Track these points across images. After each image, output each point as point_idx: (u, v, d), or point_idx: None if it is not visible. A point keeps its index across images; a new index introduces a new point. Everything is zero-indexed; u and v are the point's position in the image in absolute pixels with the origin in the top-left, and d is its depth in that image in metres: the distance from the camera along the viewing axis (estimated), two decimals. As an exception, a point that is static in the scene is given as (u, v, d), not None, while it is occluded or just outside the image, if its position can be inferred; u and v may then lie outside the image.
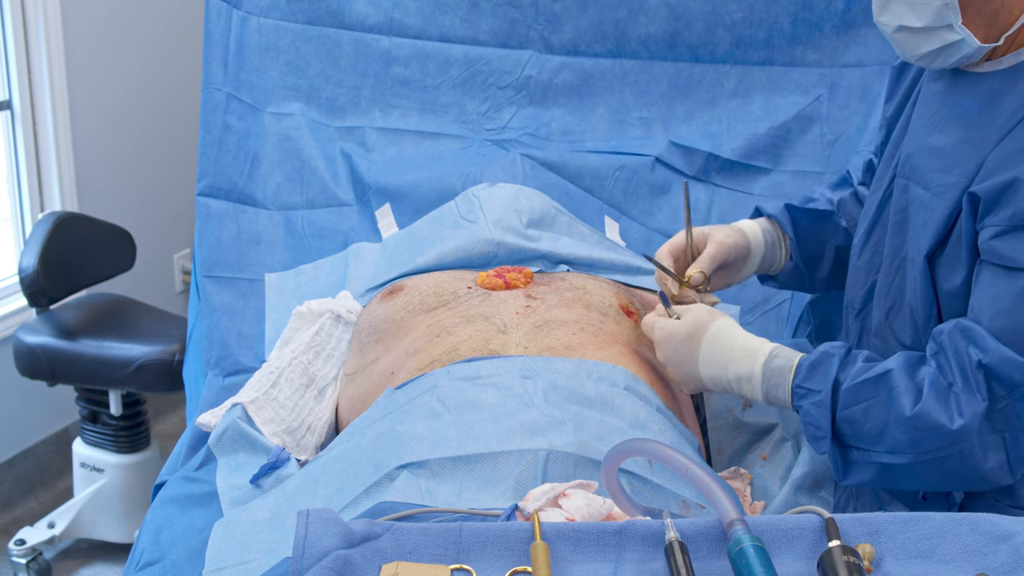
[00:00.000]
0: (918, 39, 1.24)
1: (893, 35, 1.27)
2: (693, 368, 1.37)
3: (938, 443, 1.18)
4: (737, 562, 0.89)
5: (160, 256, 3.56)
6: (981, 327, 1.18)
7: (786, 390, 1.29)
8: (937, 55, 1.25)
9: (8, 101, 2.99)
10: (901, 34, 1.26)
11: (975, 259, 1.23)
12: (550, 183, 1.96)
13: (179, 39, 3.45)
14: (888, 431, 1.20)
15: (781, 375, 1.30)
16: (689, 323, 1.38)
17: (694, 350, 1.36)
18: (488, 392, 1.29)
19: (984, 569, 0.92)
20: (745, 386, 1.33)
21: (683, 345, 1.37)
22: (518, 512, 1.03)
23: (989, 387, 1.16)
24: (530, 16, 2.11)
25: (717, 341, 1.35)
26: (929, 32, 1.23)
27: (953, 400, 1.17)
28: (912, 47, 1.26)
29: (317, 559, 0.90)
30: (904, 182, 1.35)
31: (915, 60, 1.28)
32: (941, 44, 1.23)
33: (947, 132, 1.28)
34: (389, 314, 1.62)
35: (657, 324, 1.41)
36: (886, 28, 1.27)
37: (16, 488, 3.08)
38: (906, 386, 1.20)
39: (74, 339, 2.60)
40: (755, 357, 1.33)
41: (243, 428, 1.47)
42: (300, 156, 2.05)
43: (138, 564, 1.34)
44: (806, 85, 2.05)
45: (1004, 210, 1.18)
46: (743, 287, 1.95)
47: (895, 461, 1.21)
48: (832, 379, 1.25)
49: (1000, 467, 1.19)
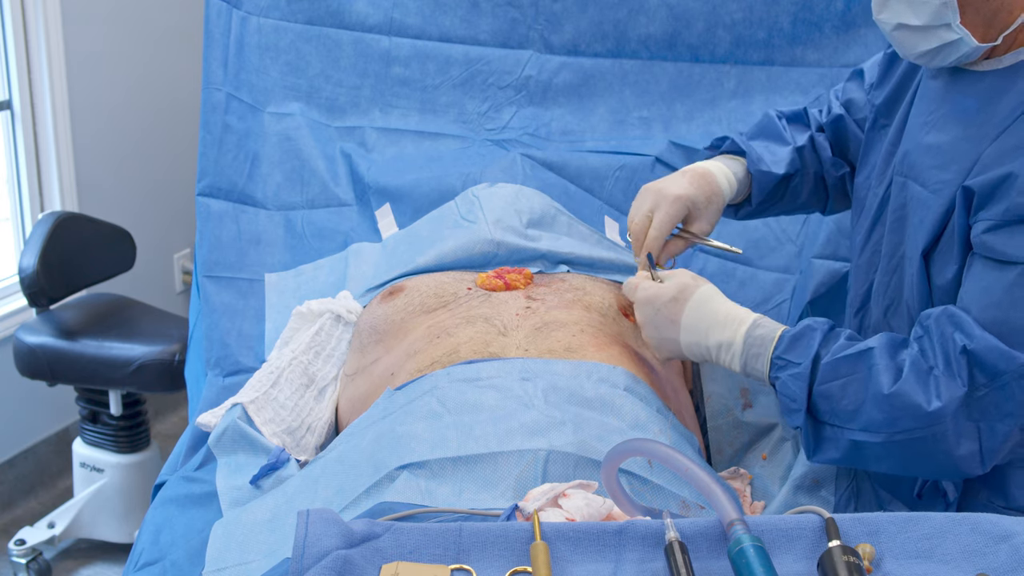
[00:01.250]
0: (916, 37, 1.25)
1: (892, 33, 1.27)
2: (673, 333, 1.35)
3: (913, 423, 1.17)
4: (737, 562, 0.89)
5: (160, 256, 3.56)
6: (970, 316, 1.18)
7: (765, 360, 1.29)
8: (936, 54, 1.25)
9: (8, 101, 2.99)
10: (900, 32, 1.26)
11: (967, 253, 1.23)
12: (550, 183, 1.96)
13: (179, 39, 3.45)
14: (864, 408, 1.20)
15: (762, 345, 1.29)
16: (674, 287, 1.37)
17: (677, 313, 1.35)
18: (488, 394, 1.29)
19: (984, 569, 0.92)
20: (724, 354, 1.32)
21: (666, 308, 1.36)
22: (518, 512, 1.03)
23: (971, 374, 1.16)
24: (530, 16, 2.11)
25: (702, 306, 1.34)
26: (927, 31, 1.23)
27: (933, 382, 1.17)
28: (910, 45, 1.26)
29: (317, 559, 0.90)
30: (903, 180, 1.35)
31: (913, 58, 1.29)
32: (939, 43, 1.23)
33: (945, 130, 1.28)
34: (389, 315, 1.62)
35: (641, 286, 1.40)
36: (885, 26, 1.28)
37: (16, 488, 3.08)
38: (886, 365, 1.20)
39: (74, 339, 2.60)
40: (738, 325, 1.32)
41: (243, 428, 1.47)
42: (300, 156, 2.05)
43: (138, 564, 1.34)
44: (806, 85, 2.05)
45: (998, 204, 1.18)
46: (743, 287, 1.95)
47: (868, 439, 1.21)
48: (813, 353, 1.25)
49: (972, 456, 1.18)
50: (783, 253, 1.97)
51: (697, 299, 1.35)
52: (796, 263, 1.95)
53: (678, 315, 1.35)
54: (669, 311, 1.36)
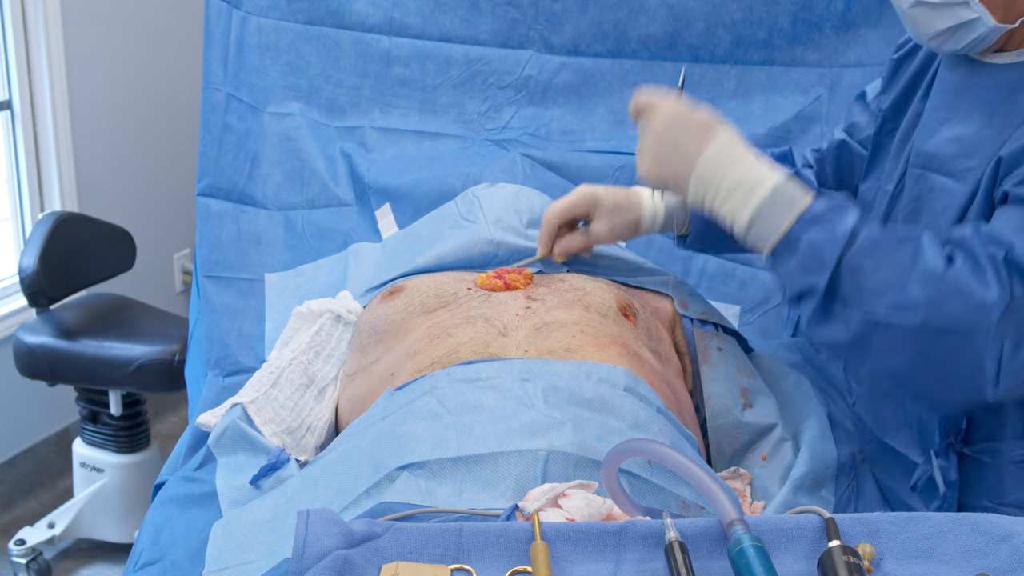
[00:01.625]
0: (933, 15, 1.23)
1: (908, 10, 1.25)
2: (691, 152, 1.24)
3: (961, 310, 1.09)
4: (737, 562, 0.89)
5: (160, 256, 3.56)
6: None
7: (792, 214, 1.18)
8: (951, 34, 1.24)
9: (8, 101, 2.99)
10: (917, 9, 1.24)
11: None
12: (550, 183, 1.96)
13: (179, 39, 3.46)
14: (905, 286, 1.11)
15: (793, 199, 1.19)
16: (707, 114, 1.26)
17: (707, 133, 1.24)
18: (488, 394, 1.29)
19: (984, 569, 0.92)
20: (738, 195, 1.21)
21: (693, 128, 1.25)
22: (518, 512, 1.03)
23: (1011, 284, 1.10)
24: (530, 16, 2.11)
25: (733, 142, 1.24)
26: (945, 8, 1.22)
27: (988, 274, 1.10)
28: (926, 23, 1.25)
29: (317, 559, 0.90)
30: (919, 171, 1.35)
31: (928, 39, 1.27)
32: (956, 22, 1.22)
33: (967, 121, 1.28)
34: (389, 315, 1.62)
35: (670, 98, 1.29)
36: (902, 2, 1.26)
37: (16, 488, 3.08)
38: (936, 251, 1.13)
39: (74, 339, 2.61)
40: (770, 171, 1.21)
41: (243, 428, 1.47)
42: (300, 156, 2.05)
43: (137, 564, 1.34)
44: (806, 85, 2.05)
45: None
46: (743, 287, 1.95)
47: (896, 320, 1.11)
48: (852, 221, 1.16)
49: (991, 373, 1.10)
50: (783, 253, 1.97)
51: (730, 134, 1.25)
52: (796, 263, 1.95)
53: (704, 141, 1.23)
54: (700, 129, 1.24)
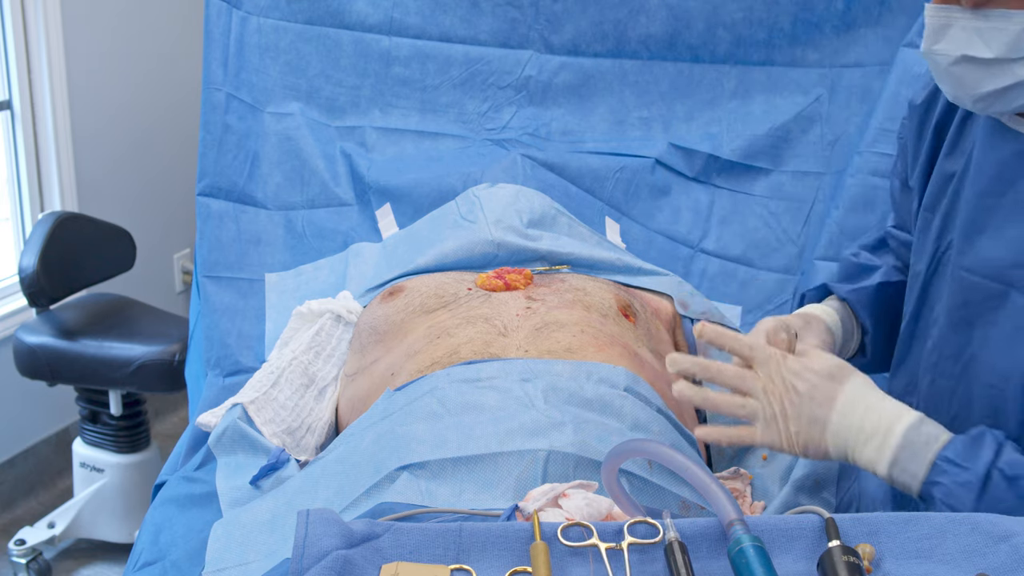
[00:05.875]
0: (982, 73, 1.04)
1: (950, 68, 1.06)
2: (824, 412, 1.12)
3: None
4: (737, 562, 0.89)
5: (160, 256, 3.56)
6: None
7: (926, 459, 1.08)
8: (1001, 95, 1.05)
9: (8, 101, 2.99)
10: (961, 67, 1.05)
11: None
12: (550, 183, 1.96)
13: (179, 39, 3.45)
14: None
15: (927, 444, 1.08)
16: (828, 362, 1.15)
17: (835, 391, 1.13)
18: (488, 394, 1.29)
19: (984, 569, 0.92)
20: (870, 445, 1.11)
21: (824, 384, 1.13)
22: (518, 512, 1.03)
23: None
24: (530, 16, 2.11)
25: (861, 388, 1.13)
26: (999, 65, 1.03)
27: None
28: (972, 84, 1.05)
29: (317, 559, 0.89)
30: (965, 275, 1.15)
31: (970, 102, 1.07)
32: (1013, 81, 1.03)
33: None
34: (389, 315, 1.62)
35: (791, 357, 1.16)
36: (940, 59, 1.06)
37: (16, 488, 3.08)
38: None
39: (74, 339, 2.60)
40: (900, 414, 1.11)
41: (243, 428, 1.47)
42: (300, 156, 2.05)
43: (138, 564, 1.34)
44: (806, 85, 2.05)
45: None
46: (744, 288, 1.95)
47: None
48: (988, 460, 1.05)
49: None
50: (784, 254, 1.98)
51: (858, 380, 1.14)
52: (797, 264, 1.95)
53: (836, 393, 1.12)
54: (826, 388, 1.13)
